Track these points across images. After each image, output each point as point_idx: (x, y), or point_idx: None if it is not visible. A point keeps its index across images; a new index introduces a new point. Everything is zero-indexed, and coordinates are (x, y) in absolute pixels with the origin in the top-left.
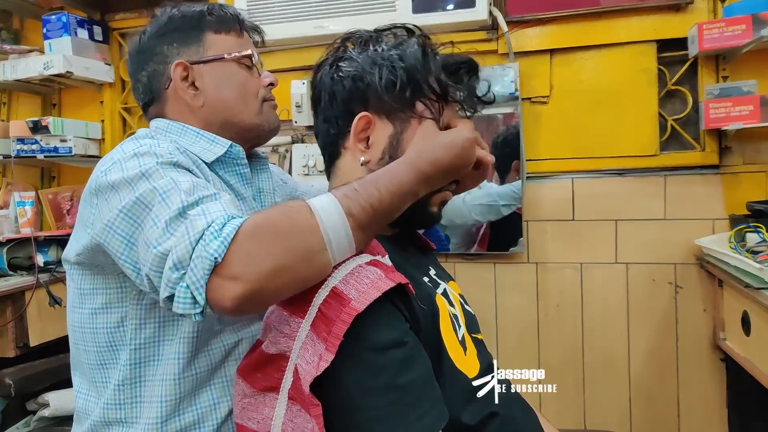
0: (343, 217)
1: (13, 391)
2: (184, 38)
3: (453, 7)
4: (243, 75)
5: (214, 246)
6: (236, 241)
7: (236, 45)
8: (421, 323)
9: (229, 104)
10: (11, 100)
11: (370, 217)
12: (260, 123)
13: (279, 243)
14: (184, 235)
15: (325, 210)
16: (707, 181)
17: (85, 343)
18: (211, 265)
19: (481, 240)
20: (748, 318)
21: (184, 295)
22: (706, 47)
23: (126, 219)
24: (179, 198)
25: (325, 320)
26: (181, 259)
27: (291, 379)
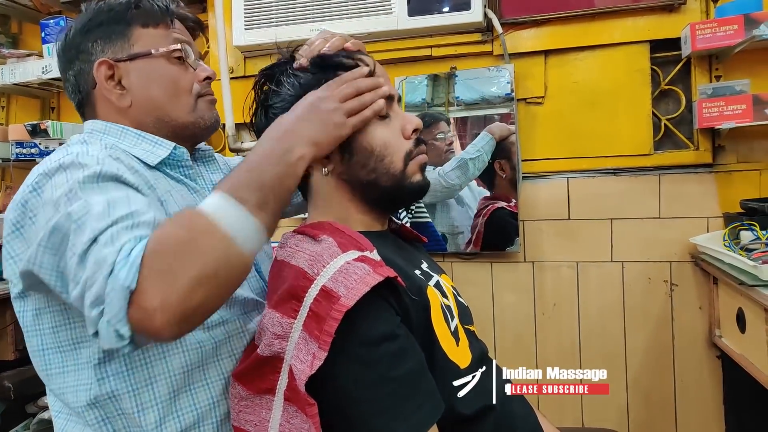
0: (238, 206)
1: (12, 394)
2: (108, 34)
3: (448, 10)
4: (173, 71)
5: (122, 275)
6: (144, 264)
7: (166, 39)
8: (412, 315)
9: (159, 103)
10: (10, 104)
11: (261, 195)
12: (194, 121)
13: (185, 254)
14: (95, 268)
15: (217, 206)
16: (701, 180)
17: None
18: (126, 296)
19: (477, 239)
20: (743, 315)
21: (107, 331)
22: (699, 47)
23: (46, 252)
24: (90, 227)
25: (317, 319)
26: (97, 295)
27: (286, 380)
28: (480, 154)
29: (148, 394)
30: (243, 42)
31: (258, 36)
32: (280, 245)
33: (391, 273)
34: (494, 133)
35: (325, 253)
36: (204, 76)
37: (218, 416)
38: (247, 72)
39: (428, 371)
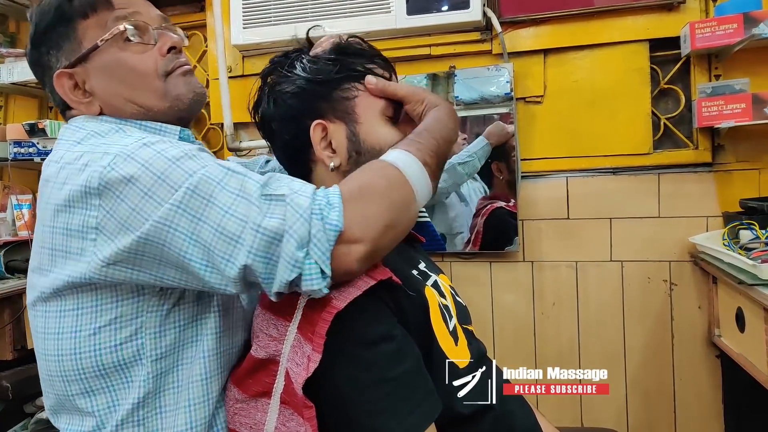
0: (422, 168)
1: (10, 393)
2: (56, 39)
3: (447, 9)
4: (128, 57)
5: (334, 216)
6: (347, 208)
7: (109, 21)
8: (410, 316)
9: (126, 96)
10: (8, 104)
11: (437, 163)
12: (171, 104)
13: (384, 201)
14: (292, 213)
15: (407, 164)
16: (700, 179)
17: (79, 370)
18: (335, 236)
19: (476, 239)
20: (742, 314)
21: (315, 272)
22: (698, 46)
23: (184, 214)
24: (240, 180)
25: (310, 321)
26: (302, 237)
27: (283, 383)
28: (471, 159)
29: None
30: (241, 41)
31: (256, 35)
32: None
33: (386, 274)
34: (491, 137)
35: None
36: (167, 47)
37: None
38: (246, 71)
39: (426, 371)
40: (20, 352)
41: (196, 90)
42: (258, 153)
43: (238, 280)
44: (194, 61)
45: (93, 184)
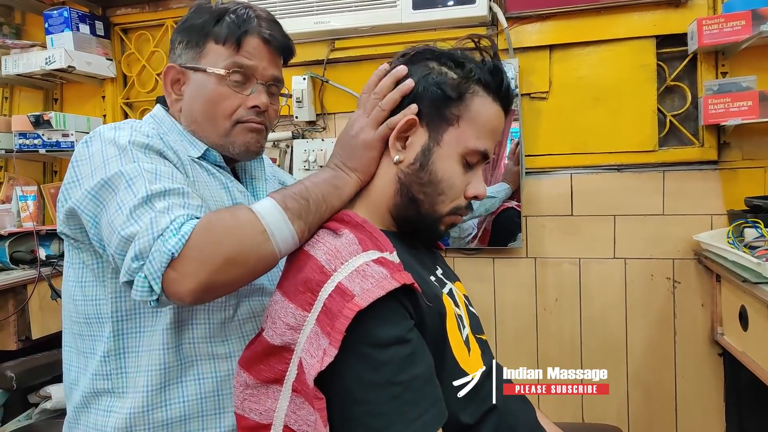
0: (281, 211)
1: (14, 383)
2: (189, 39)
3: (453, 3)
4: (219, 92)
5: (172, 242)
6: (191, 239)
7: (225, 59)
8: (427, 322)
9: (196, 118)
10: (13, 95)
11: (304, 207)
12: (223, 144)
13: (227, 239)
14: (148, 227)
15: (265, 208)
16: (706, 177)
17: (76, 312)
18: (167, 260)
19: (481, 235)
20: (745, 313)
21: (142, 284)
22: (705, 43)
23: (92, 200)
24: (144, 186)
25: (330, 315)
26: (141, 251)
27: (295, 372)
28: (494, 198)
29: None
30: None
31: None
32: None
33: (409, 279)
34: (511, 183)
35: (344, 249)
36: (252, 103)
37: None
38: None
39: (436, 378)
40: (24, 343)
41: (250, 147)
42: None
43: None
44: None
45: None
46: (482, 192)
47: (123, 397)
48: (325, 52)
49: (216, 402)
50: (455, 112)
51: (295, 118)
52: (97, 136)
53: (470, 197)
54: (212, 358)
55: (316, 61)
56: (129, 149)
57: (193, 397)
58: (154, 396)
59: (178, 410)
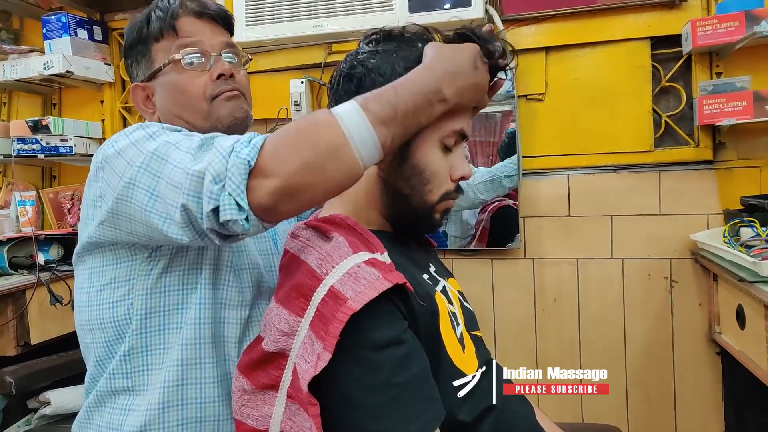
0: (360, 112)
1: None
2: (137, 56)
3: (449, 6)
4: (181, 80)
5: (245, 152)
6: (264, 146)
7: (171, 48)
8: (420, 321)
9: (176, 114)
10: (11, 100)
11: (389, 113)
12: (212, 125)
13: (302, 140)
14: (215, 154)
15: (343, 108)
16: (702, 177)
17: (89, 321)
18: (246, 169)
19: (479, 236)
20: (742, 312)
21: (229, 203)
22: (699, 44)
23: (145, 173)
24: (191, 140)
25: (323, 319)
26: (218, 172)
27: (290, 378)
28: (513, 174)
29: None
30: (244, 38)
31: (259, 32)
32: (291, 235)
33: (401, 279)
34: None
35: (334, 252)
36: (216, 74)
37: None
38: (248, 68)
39: (432, 378)
40: (23, 348)
41: (236, 114)
42: None
43: (184, 224)
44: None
45: (98, 159)
46: (468, 172)
47: (143, 395)
48: (322, 55)
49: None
50: None
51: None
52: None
53: (457, 179)
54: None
55: (313, 65)
56: (159, 130)
57: (211, 399)
58: (171, 393)
59: (194, 410)
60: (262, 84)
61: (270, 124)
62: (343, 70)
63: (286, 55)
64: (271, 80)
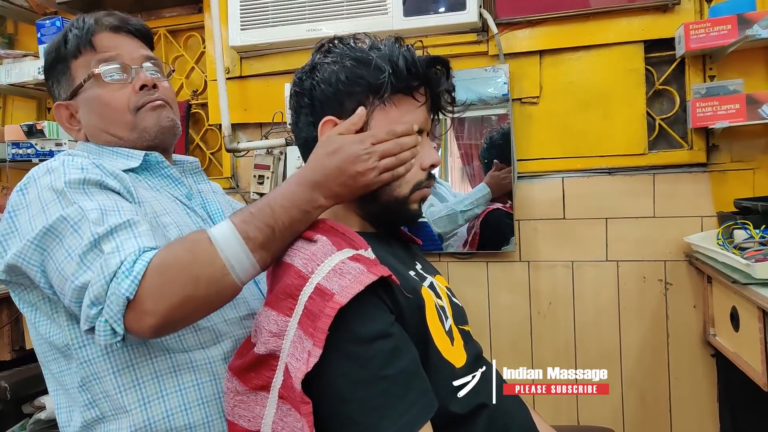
0: (241, 242)
1: (8, 394)
2: (57, 76)
3: (444, 10)
4: (104, 93)
5: (125, 285)
6: (145, 278)
7: (90, 65)
8: (406, 314)
9: (101, 127)
10: (6, 105)
11: (268, 236)
12: (139, 136)
13: (183, 276)
14: (99, 273)
15: (224, 237)
16: (695, 179)
17: (43, 353)
18: (124, 303)
19: (473, 239)
20: (736, 314)
21: (104, 329)
22: (692, 47)
23: (36, 250)
24: (89, 230)
25: (311, 316)
26: (97, 296)
27: (282, 378)
28: (473, 208)
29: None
30: (239, 42)
31: (254, 36)
32: None
33: (386, 271)
34: (492, 186)
35: (319, 252)
36: (138, 85)
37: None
38: (243, 72)
39: (422, 370)
40: (18, 353)
41: (163, 123)
42: (255, 154)
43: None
44: (192, 63)
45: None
46: (437, 159)
47: (119, 419)
48: None
49: (219, 406)
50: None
51: (289, 124)
52: (32, 182)
53: (427, 168)
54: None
55: None
56: (66, 191)
57: (195, 403)
58: (152, 408)
59: (181, 419)
60: (257, 88)
61: (265, 128)
62: (294, 87)
63: (281, 59)
64: (266, 84)
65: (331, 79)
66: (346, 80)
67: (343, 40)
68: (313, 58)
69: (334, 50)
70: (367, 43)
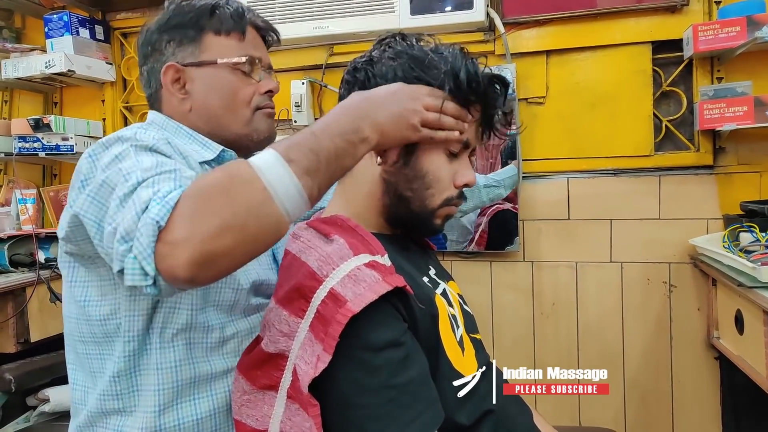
0: (283, 163)
1: (13, 386)
2: (182, 37)
3: (451, 9)
4: (234, 82)
5: (155, 210)
6: (178, 204)
7: (235, 49)
8: (420, 324)
9: (216, 112)
10: (13, 98)
11: (313, 161)
12: (248, 133)
13: (220, 199)
14: (131, 207)
15: (264, 160)
16: (701, 181)
17: (81, 333)
18: (154, 231)
19: (477, 239)
20: (741, 317)
21: (133, 266)
22: (700, 49)
23: (93, 202)
24: (136, 175)
25: (323, 321)
26: (127, 230)
27: (290, 379)
28: (497, 186)
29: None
30: None
31: None
32: (293, 237)
33: (401, 282)
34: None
35: (335, 254)
36: (266, 89)
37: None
38: None
39: (431, 380)
40: (23, 345)
41: (271, 131)
42: None
43: None
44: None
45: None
46: (472, 179)
47: (133, 415)
48: (323, 57)
49: (229, 416)
50: None
51: (294, 122)
52: (100, 144)
53: (460, 186)
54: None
55: (314, 66)
56: (130, 150)
57: (206, 413)
58: (166, 414)
59: (191, 427)
60: None
61: None
62: (347, 75)
63: (288, 57)
64: None
65: (387, 75)
66: (404, 78)
67: (407, 38)
68: (372, 50)
69: (395, 46)
70: (431, 45)
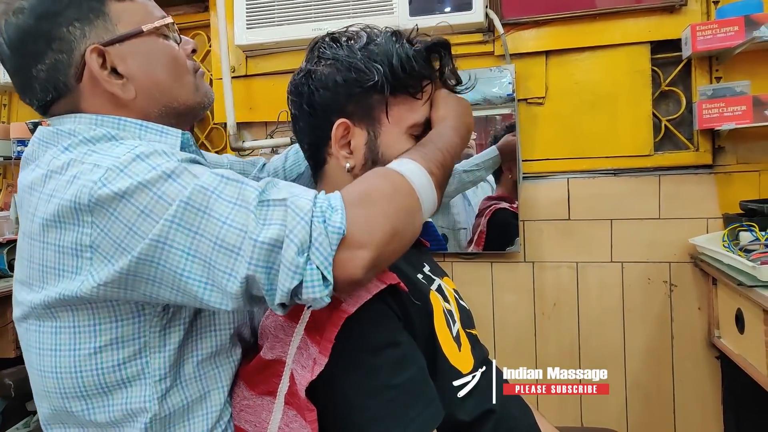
0: (429, 178)
1: (13, 391)
2: (85, 14)
3: (450, 10)
4: (169, 47)
5: (336, 219)
6: (350, 211)
7: (142, 11)
8: (415, 322)
9: (166, 87)
10: (11, 102)
11: (442, 176)
12: (200, 101)
13: (390, 206)
14: (293, 216)
15: (414, 173)
16: (701, 181)
17: (80, 387)
18: (338, 239)
19: (477, 239)
20: (741, 316)
21: (315, 277)
22: (699, 48)
23: (179, 229)
24: (239, 189)
25: (318, 324)
26: (302, 242)
27: (287, 384)
28: (477, 170)
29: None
30: (245, 41)
31: (260, 35)
32: None
33: (394, 279)
34: (502, 150)
35: None
36: (190, 48)
37: None
38: (249, 71)
39: (429, 378)
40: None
41: (210, 93)
42: (260, 153)
43: (239, 295)
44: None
45: (83, 200)
46: None
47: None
48: None
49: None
50: (378, 99)
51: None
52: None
53: None
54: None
55: None
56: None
57: None
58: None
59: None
60: (262, 86)
61: (270, 127)
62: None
63: (287, 58)
64: (272, 83)
65: (328, 84)
66: (344, 83)
67: (337, 40)
68: (306, 60)
69: (326, 52)
70: (362, 39)
